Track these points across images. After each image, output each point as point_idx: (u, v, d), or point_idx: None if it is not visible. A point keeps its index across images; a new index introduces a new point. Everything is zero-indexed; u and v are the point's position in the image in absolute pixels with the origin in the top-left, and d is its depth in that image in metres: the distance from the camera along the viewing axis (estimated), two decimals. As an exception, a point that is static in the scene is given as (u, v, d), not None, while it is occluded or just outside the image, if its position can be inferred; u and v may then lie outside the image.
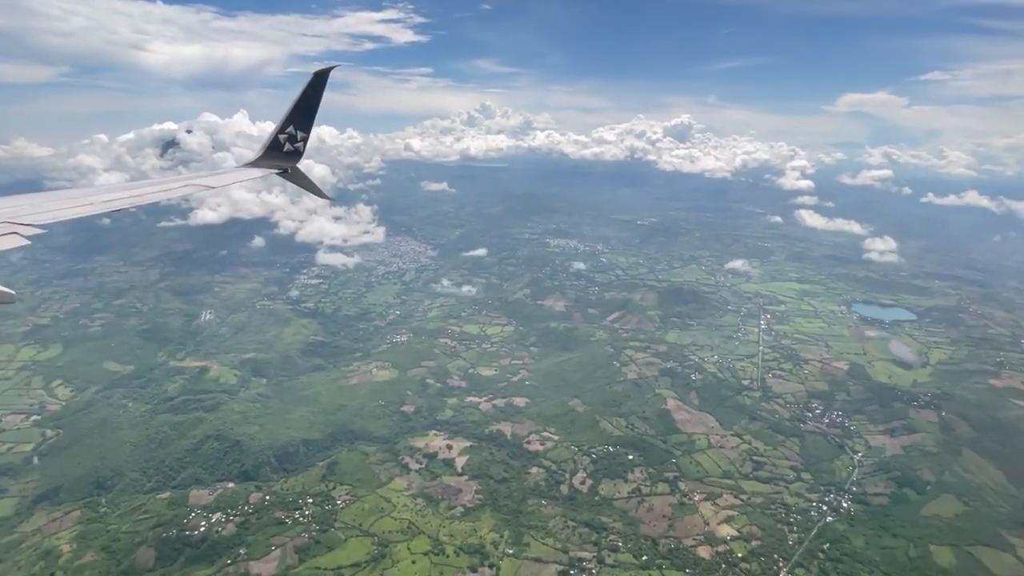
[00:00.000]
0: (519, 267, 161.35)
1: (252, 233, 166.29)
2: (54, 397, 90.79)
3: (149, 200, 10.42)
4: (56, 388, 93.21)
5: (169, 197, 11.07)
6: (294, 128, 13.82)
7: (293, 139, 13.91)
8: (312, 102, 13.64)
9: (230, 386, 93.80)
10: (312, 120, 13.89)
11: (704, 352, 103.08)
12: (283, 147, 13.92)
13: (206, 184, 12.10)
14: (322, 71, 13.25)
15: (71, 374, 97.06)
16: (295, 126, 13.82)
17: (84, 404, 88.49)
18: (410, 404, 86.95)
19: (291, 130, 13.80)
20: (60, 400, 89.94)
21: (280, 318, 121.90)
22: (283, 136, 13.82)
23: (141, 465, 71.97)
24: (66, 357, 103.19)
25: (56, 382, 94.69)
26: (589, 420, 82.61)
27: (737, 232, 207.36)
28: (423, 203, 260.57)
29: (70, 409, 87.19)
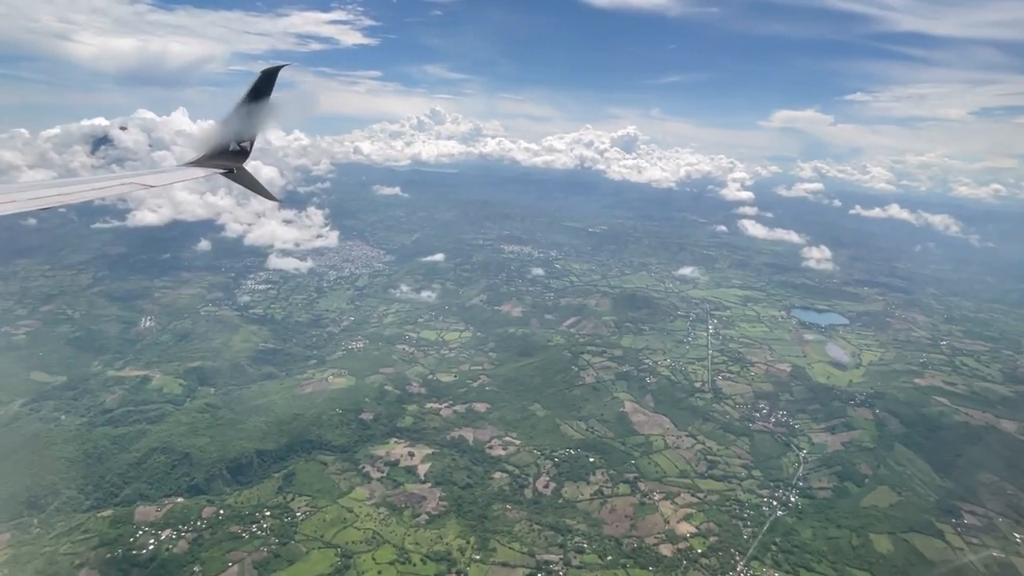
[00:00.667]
0: (475, 273, 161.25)
1: (196, 236, 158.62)
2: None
3: (81, 199, 9.70)
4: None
5: (103, 196, 10.37)
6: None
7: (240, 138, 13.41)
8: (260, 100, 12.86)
9: (175, 396, 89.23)
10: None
11: (657, 356, 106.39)
12: (229, 146, 13.33)
13: (144, 183, 11.36)
14: (270, 69, 12.68)
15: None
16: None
17: (9, 419, 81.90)
18: (369, 412, 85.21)
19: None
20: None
21: (227, 325, 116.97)
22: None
23: (78, 482, 67.38)
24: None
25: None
26: (550, 424, 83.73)
27: (683, 240, 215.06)
28: (374, 207, 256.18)
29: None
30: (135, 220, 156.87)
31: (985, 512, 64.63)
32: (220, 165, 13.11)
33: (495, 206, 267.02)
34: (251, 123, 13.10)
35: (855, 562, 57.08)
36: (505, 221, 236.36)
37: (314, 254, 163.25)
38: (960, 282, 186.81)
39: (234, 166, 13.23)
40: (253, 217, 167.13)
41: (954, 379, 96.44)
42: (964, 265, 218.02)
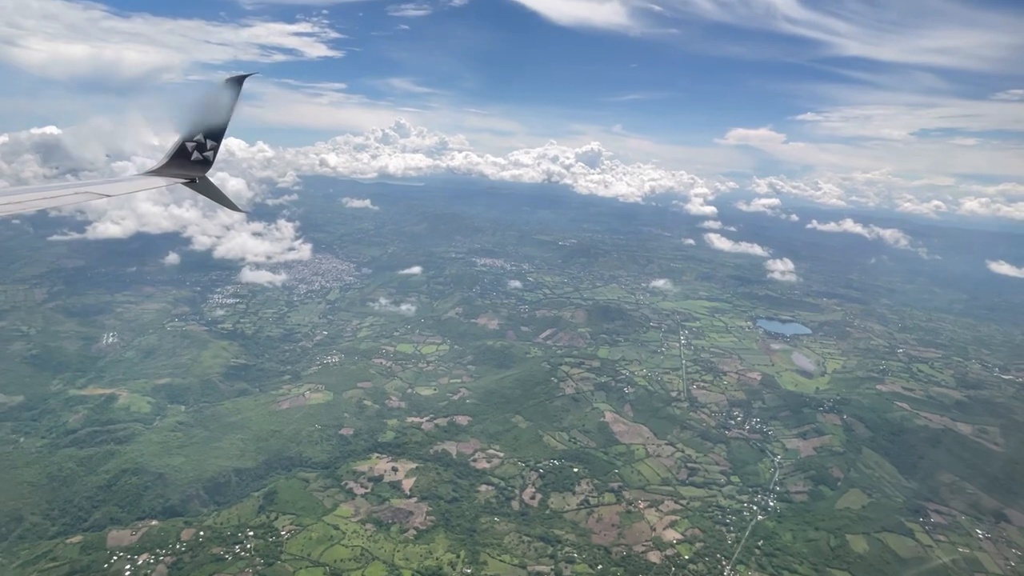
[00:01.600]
0: (448, 286, 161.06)
1: (161, 249, 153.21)
2: (-78, 435, 78.54)
3: (33, 207, 9.39)
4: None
5: (57, 205, 10.05)
6: (203, 136, 12.99)
7: (202, 147, 13.06)
8: (224, 109, 12.97)
9: (144, 415, 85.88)
10: (224, 128, 13.13)
11: (634, 366, 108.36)
12: (191, 155, 13.01)
13: (101, 192, 11.09)
14: (236, 78, 12.56)
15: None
16: (205, 134, 13.02)
17: (-38, 442, 77.29)
18: (349, 427, 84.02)
19: (200, 138, 12.96)
20: (-70, 438, 77.94)
21: (196, 340, 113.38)
22: (191, 144, 12.93)
23: (43, 507, 63.99)
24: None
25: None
26: (532, 436, 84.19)
27: (651, 254, 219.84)
28: (342, 220, 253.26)
29: (-56, 448, 75.79)
30: (95, 232, 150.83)
31: (949, 511, 68.25)
32: (182, 175, 12.91)
33: (465, 219, 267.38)
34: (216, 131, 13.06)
35: (834, 563, 59.36)
36: (475, 234, 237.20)
37: (286, 267, 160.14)
38: (911, 292, 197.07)
39: (196, 176, 13.05)
40: (221, 230, 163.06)
41: (912, 385, 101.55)
42: (914, 276, 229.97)
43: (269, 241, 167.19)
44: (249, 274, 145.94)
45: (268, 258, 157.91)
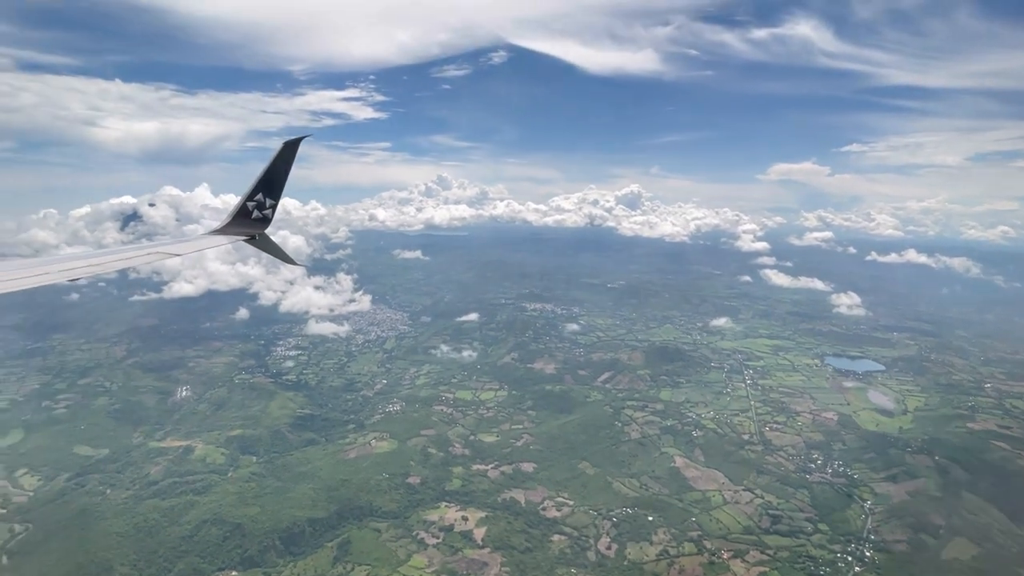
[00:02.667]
0: (500, 332, 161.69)
1: (230, 305, 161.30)
2: (19, 488, 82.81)
3: (111, 268, 10.06)
4: (21, 477, 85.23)
5: (132, 264, 10.75)
6: (263, 195, 13.90)
7: (262, 206, 13.97)
8: (281, 170, 13.88)
9: (218, 466, 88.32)
10: (281, 188, 14.01)
11: (699, 408, 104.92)
12: (251, 214, 13.91)
13: (171, 251, 11.89)
14: (292, 141, 13.57)
15: (37, 461, 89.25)
16: (264, 193, 13.91)
17: (55, 494, 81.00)
18: (415, 475, 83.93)
19: (260, 197, 13.88)
20: (27, 491, 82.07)
21: (263, 392, 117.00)
22: (251, 203, 13.86)
23: (131, 558, 65.97)
24: (29, 443, 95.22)
25: (20, 471, 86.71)
26: (601, 482, 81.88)
27: (703, 292, 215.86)
28: (393, 271, 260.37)
29: (39, 500, 79.58)
30: (171, 292, 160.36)
31: (1074, 561, 61.75)
32: (244, 232, 13.88)
33: (511, 266, 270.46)
34: (275, 190, 14.06)
35: (949, 619, 54.24)
36: (523, 280, 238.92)
37: (347, 318, 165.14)
38: (989, 323, 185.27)
39: (257, 233, 14.02)
40: (285, 285, 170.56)
41: (1008, 422, 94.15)
42: (990, 306, 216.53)
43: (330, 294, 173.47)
44: (315, 326, 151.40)
45: (331, 310, 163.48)
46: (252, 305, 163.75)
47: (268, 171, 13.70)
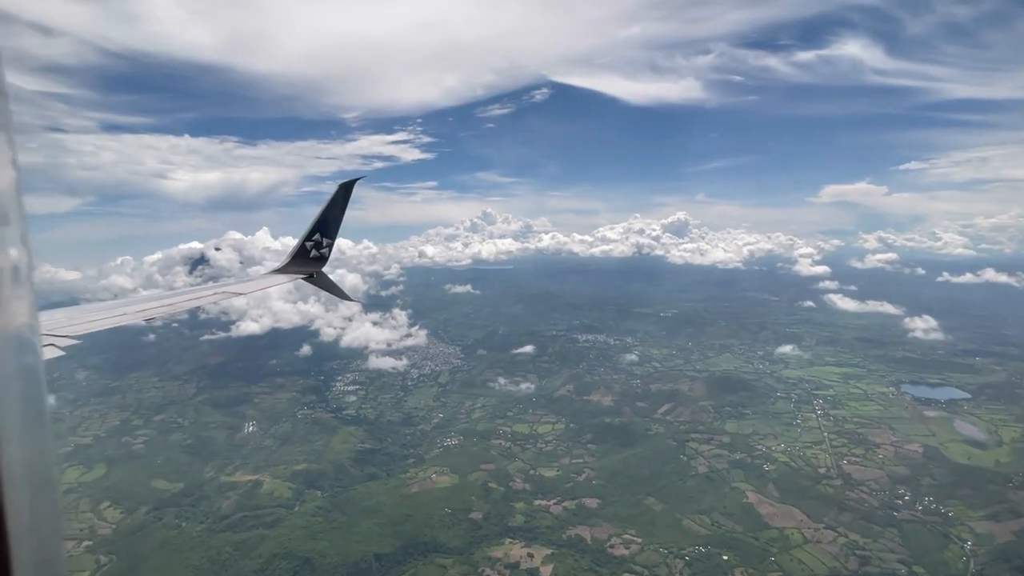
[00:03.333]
0: (554, 363, 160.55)
1: (291, 342, 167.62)
2: (104, 520, 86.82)
3: (181, 308, 10.62)
4: (105, 510, 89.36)
5: (200, 304, 11.33)
6: (320, 235, 14.64)
7: (319, 245, 14.67)
8: (337, 211, 14.69)
9: (286, 500, 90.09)
10: (337, 228, 14.74)
11: (768, 441, 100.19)
12: (309, 253, 14.62)
13: (234, 291, 12.49)
14: (347, 183, 14.44)
15: (119, 495, 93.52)
16: (321, 233, 14.65)
17: (136, 526, 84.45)
18: (477, 511, 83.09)
19: (317, 237, 14.62)
20: (110, 523, 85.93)
21: (325, 427, 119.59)
22: (309, 243, 14.59)
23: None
24: (112, 477, 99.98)
25: (104, 504, 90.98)
26: (670, 519, 78.73)
27: (762, 320, 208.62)
28: (443, 305, 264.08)
29: (122, 532, 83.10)
30: (238, 330, 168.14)
31: None
32: (302, 271, 14.47)
33: (559, 297, 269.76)
34: (331, 230, 14.75)
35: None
36: (573, 311, 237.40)
37: (405, 353, 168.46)
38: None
39: (314, 271, 14.60)
40: (344, 321, 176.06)
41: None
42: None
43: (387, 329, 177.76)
44: (375, 360, 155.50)
45: (388, 345, 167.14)
46: (314, 342, 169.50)
47: (324, 212, 14.53)
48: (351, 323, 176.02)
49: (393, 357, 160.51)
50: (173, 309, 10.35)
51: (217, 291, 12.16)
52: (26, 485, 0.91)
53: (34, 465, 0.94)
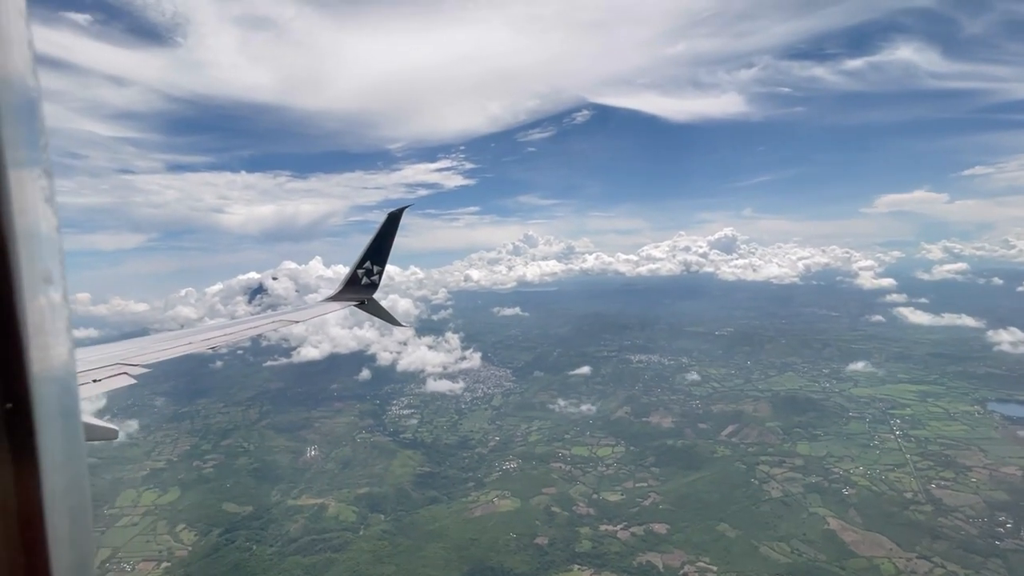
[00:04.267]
0: (608, 385, 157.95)
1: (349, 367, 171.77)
2: (180, 542, 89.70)
3: (241, 336, 11.00)
4: (180, 532, 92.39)
5: (260, 332, 11.66)
6: (371, 263, 14.89)
7: (370, 273, 14.89)
8: (387, 239, 14.93)
9: (351, 524, 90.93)
10: (387, 256, 14.98)
11: (845, 464, 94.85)
12: (361, 281, 14.87)
13: (291, 319, 12.82)
14: (395, 212, 14.81)
15: (193, 517, 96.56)
16: (372, 261, 14.91)
17: (210, 548, 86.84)
18: (543, 536, 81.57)
19: (368, 265, 14.86)
20: (186, 545, 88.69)
21: (384, 450, 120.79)
22: (361, 271, 14.84)
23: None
24: (185, 500, 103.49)
25: (180, 526, 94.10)
26: (746, 546, 75.11)
27: (824, 336, 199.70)
28: (491, 329, 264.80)
29: (197, 554, 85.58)
30: (299, 356, 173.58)
31: None
32: (354, 298, 14.75)
33: (607, 317, 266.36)
34: (381, 257, 15.04)
35: None
36: (623, 331, 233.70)
37: (460, 376, 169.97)
38: None
39: (365, 298, 14.83)
40: (398, 346, 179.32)
41: None
42: None
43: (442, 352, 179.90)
44: (433, 384, 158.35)
45: (444, 368, 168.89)
46: (372, 366, 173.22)
47: (375, 241, 14.93)
48: (406, 347, 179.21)
49: (450, 380, 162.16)
50: (235, 338, 10.89)
51: (275, 320, 12.80)
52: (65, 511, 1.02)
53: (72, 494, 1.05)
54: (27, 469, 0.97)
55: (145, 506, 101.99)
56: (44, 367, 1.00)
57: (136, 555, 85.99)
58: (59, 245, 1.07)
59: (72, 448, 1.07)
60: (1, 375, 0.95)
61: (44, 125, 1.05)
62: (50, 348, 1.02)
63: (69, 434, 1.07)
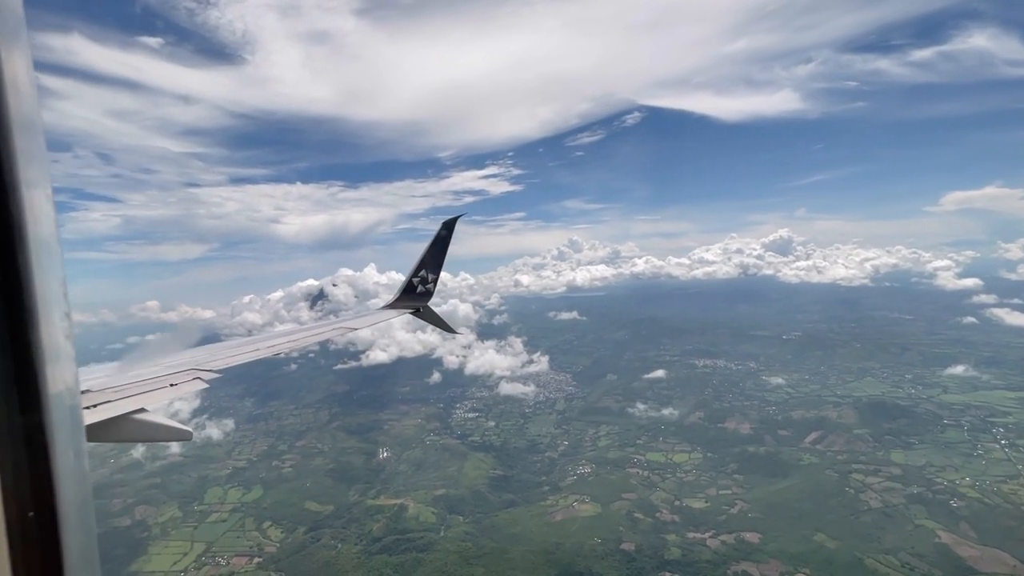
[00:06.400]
0: (674, 390, 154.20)
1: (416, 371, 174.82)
2: (268, 539, 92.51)
3: (304, 343, 11.50)
4: (268, 529, 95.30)
5: (320, 339, 12.07)
6: (426, 271, 15.08)
7: (425, 281, 15.09)
8: (442, 247, 15.11)
9: (431, 524, 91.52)
10: (441, 264, 15.14)
11: (949, 474, 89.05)
12: (416, 289, 15.11)
13: (349, 326, 13.15)
14: (450, 221, 14.98)
15: (278, 515, 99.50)
16: (427, 269, 15.09)
17: (298, 546, 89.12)
18: (628, 542, 79.82)
19: (423, 273, 15.06)
20: (274, 542, 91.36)
21: (455, 453, 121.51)
22: (416, 279, 15.06)
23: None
24: (269, 498, 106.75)
25: (266, 523, 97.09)
26: (848, 558, 71.27)
27: (902, 340, 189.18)
28: (546, 333, 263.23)
29: (286, 551, 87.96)
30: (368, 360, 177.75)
31: None
32: (410, 306, 15.04)
33: (664, 322, 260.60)
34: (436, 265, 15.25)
35: None
36: (683, 336, 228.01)
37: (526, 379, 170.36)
38: None
39: (420, 306, 15.11)
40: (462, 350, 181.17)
41: None
42: None
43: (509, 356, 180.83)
44: (505, 387, 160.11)
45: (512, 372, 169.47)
46: (440, 370, 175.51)
47: (430, 249, 15.14)
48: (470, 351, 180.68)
49: (521, 383, 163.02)
50: (298, 344, 11.46)
51: (336, 327, 13.26)
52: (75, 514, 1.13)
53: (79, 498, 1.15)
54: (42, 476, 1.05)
55: (232, 503, 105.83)
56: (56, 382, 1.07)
57: (228, 550, 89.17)
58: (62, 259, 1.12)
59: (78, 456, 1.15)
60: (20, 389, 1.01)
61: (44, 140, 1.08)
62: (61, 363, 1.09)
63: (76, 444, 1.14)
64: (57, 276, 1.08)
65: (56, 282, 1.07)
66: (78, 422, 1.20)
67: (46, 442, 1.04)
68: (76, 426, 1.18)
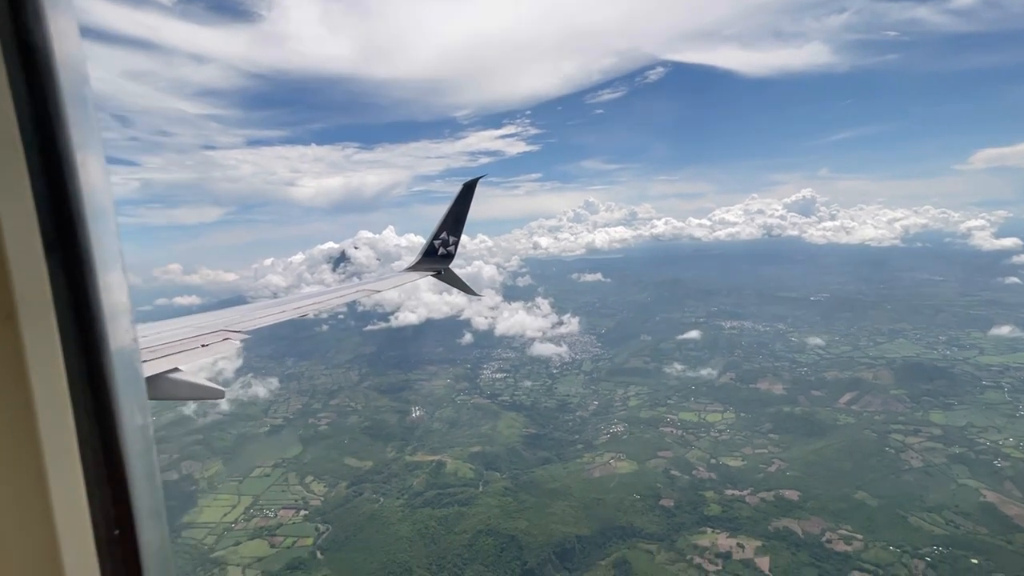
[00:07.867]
0: (702, 351, 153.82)
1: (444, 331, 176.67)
2: (312, 492, 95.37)
3: (328, 305, 11.69)
4: (311, 484, 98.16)
5: (344, 301, 12.22)
6: (447, 234, 15.12)
7: (446, 243, 15.14)
8: (462, 210, 15.12)
9: (469, 480, 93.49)
10: (462, 226, 15.22)
11: (991, 435, 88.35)
12: (437, 251, 15.14)
13: (372, 288, 13.31)
14: (470, 183, 15.05)
15: (319, 471, 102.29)
16: (447, 232, 15.13)
17: (341, 499, 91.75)
18: (668, 498, 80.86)
19: (444, 235, 15.10)
20: (318, 495, 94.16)
21: (487, 412, 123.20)
22: (437, 241, 15.10)
23: (424, 561, 71.47)
24: (308, 455, 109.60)
25: (308, 478, 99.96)
26: (891, 516, 71.58)
27: (933, 302, 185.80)
28: (568, 295, 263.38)
29: (330, 504, 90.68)
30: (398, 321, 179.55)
31: None
32: (431, 268, 15.21)
33: (687, 283, 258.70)
34: (457, 228, 15.32)
35: None
36: (708, 297, 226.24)
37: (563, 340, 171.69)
38: None
39: (442, 268, 15.30)
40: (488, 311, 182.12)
41: None
42: None
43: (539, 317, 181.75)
44: (539, 347, 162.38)
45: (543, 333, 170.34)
46: (470, 330, 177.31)
47: (451, 211, 15.15)
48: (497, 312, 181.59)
49: (554, 344, 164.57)
50: (323, 306, 11.61)
51: (359, 289, 13.44)
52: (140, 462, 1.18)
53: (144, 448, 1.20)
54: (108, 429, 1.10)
55: (274, 459, 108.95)
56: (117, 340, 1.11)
57: (275, 503, 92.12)
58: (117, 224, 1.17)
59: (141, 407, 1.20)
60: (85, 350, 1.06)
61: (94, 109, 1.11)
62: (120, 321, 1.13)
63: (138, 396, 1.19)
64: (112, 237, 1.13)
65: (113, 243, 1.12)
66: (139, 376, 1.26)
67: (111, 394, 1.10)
68: (137, 379, 1.23)
